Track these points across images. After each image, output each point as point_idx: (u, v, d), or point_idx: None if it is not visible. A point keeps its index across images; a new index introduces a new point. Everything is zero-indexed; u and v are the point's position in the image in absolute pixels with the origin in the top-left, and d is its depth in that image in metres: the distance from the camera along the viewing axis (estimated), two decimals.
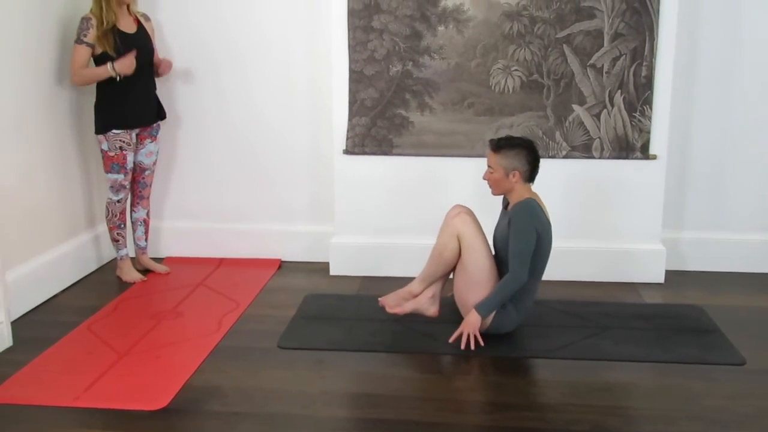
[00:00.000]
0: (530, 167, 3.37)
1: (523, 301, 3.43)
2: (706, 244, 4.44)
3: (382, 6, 4.12)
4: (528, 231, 3.30)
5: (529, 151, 3.38)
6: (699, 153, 4.37)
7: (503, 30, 4.11)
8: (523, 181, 3.38)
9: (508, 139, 3.45)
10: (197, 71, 4.50)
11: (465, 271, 3.41)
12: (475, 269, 3.38)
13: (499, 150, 3.37)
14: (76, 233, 4.34)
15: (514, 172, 3.35)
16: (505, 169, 3.36)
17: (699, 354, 3.34)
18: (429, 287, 3.54)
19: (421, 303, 3.54)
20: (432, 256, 3.51)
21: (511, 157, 3.35)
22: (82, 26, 3.93)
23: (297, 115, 4.49)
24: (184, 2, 4.41)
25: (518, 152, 3.36)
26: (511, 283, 3.32)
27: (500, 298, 3.34)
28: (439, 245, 3.46)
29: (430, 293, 3.54)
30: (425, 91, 4.20)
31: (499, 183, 3.41)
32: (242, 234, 4.64)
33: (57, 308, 3.91)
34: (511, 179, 3.37)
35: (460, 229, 3.39)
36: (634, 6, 4.03)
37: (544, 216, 3.39)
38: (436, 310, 3.55)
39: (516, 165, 3.35)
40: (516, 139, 3.44)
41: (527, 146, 3.39)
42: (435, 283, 3.53)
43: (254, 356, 3.34)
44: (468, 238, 3.38)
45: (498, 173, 3.38)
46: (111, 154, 4.08)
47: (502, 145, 3.38)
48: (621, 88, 4.12)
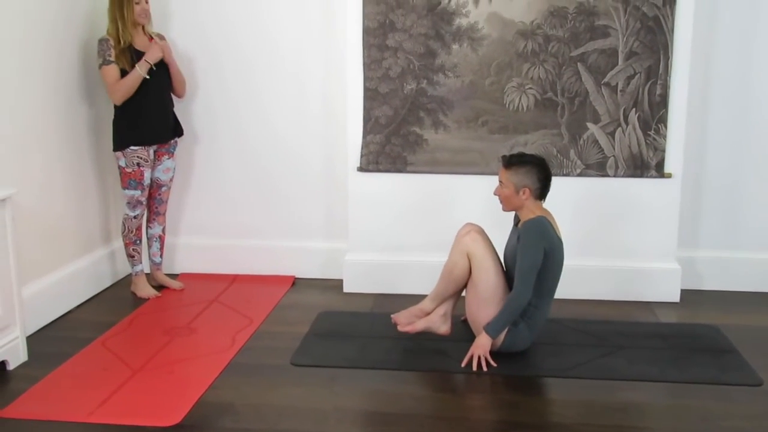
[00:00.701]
0: (541, 185, 3.37)
1: (536, 320, 3.42)
2: (722, 263, 4.41)
3: (397, 25, 4.15)
4: (535, 248, 3.29)
5: (540, 168, 3.38)
6: (714, 171, 4.35)
7: (517, 48, 4.12)
8: (534, 198, 3.38)
9: (520, 156, 3.45)
10: (212, 89, 4.54)
11: (476, 289, 3.40)
12: (485, 287, 3.37)
13: (511, 166, 3.38)
14: (92, 249, 4.38)
15: (524, 189, 3.35)
16: (516, 186, 3.36)
17: (715, 374, 3.31)
18: (440, 305, 3.53)
19: (432, 321, 3.53)
20: (443, 274, 3.50)
21: (522, 174, 3.35)
22: (102, 47, 3.99)
23: (311, 132, 4.52)
24: (198, 22, 4.46)
25: (529, 169, 3.36)
26: (514, 300, 3.31)
27: (507, 317, 3.32)
28: (449, 263, 3.46)
29: (441, 311, 3.53)
30: (439, 108, 4.22)
31: (509, 199, 3.41)
32: (256, 250, 4.66)
33: (72, 324, 3.93)
34: (521, 196, 3.37)
35: (470, 247, 3.39)
36: (649, 25, 4.03)
37: (555, 234, 3.38)
38: (447, 329, 3.54)
39: (526, 182, 3.35)
40: (528, 157, 3.45)
41: (539, 164, 3.39)
42: (446, 301, 3.53)
43: (267, 373, 3.34)
44: (478, 256, 3.38)
45: (508, 189, 3.38)
46: (128, 170, 4.11)
47: (513, 162, 3.39)
48: (636, 106, 4.12)
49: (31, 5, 3.76)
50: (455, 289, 3.49)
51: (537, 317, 3.42)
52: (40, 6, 3.83)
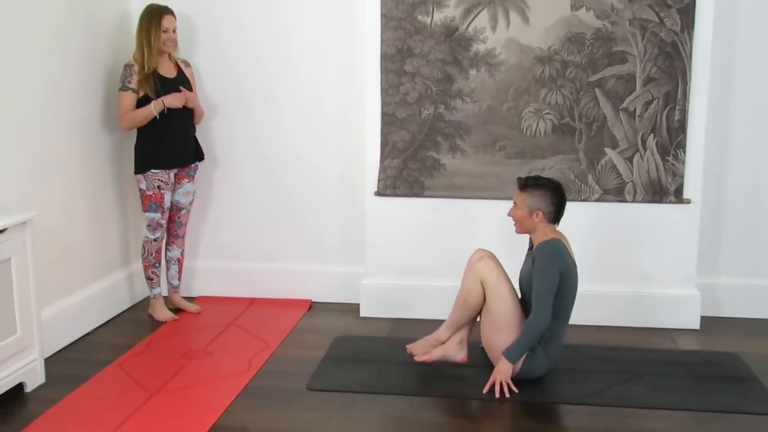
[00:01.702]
0: (555, 209, 3.37)
1: (552, 345, 3.39)
2: (743, 289, 4.36)
3: (414, 50, 4.17)
4: (551, 271, 3.28)
5: (555, 193, 3.38)
6: (734, 197, 4.31)
7: (535, 74, 4.13)
8: (547, 221, 3.38)
9: (536, 178, 3.46)
10: (233, 113, 4.58)
11: (491, 315, 3.39)
12: (500, 313, 3.36)
13: (526, 188, 3.38)
14: (111, 271, 4.40)
15: (538, 212, 3.35)
16: (530, 208, 3.36)
17: (736, 402, 3.26)
18: (456, 333, 3.51)
19: (448, 349, 3.51)
20: (457, 302, 3.49)
21: (536, 197, 3.35)
22: (125, 73, 4.05)
23: (329, 156, 4.54)
24: (221, 48, 4.51)
25: (544, 193, 3.36)
26: (534, 324, 3.29)
27: (527, 342, 3.30)
28: (463, 291, 3.45)
29: (457, 339, 3.51)
30: (457, 133, 4.23)
31: (522, 221, 3.41)
32: (273, 274, 4.67)
33: (90, 346, 3.95)
34: (534, 219, 3.36)
35: (483, 274, 3.38)
36: (666, 50, 4.03)
37: (569, 257, 3.36)
38: (464, 356, 3.52)
39: (540, 205, 3.35)
40: (544, 180, 3.45)
41: (555, 188, 3.39)
42: (462, 328, 3.51)
43: (283, 397, 3.33)
44: (492, 282, 3.36)
45: (522, 211, 3.38)
46: (149, 193, 4.15)
47: (529, 184, 3.39)
48: (654, 131, 4.11)
49: (58, 31, 3.82)
50: (470, 316, 3.48)
51: (554, 342, 3.39)
52: (67, 31, 3.89)
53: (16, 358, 3.28)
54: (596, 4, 4.04)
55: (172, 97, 4.06)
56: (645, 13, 4.02)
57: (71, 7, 3.93)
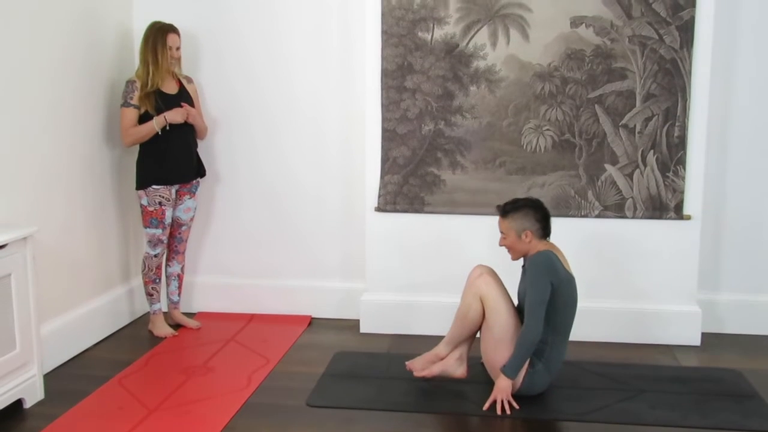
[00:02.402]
0: (540, 225, 3.39)
1: (552, 360, 3.38)
2: (744, 306, 4.35)
3: (415, 67, 4.19)
4: (541, 282, 3.28)
5: (535, 209, 3.40)
6: (734, 213, 4.32)
7: (535, 90, 4.15)
8: (537, 239, 3.39)
9: (513, 202, 3.48)
10: (234, 130, 4.59)
11: (490, 332, 3.38)
12: (500, 330, 3.35)
13: (507, 214, 3.42)
14: (111, 287, 4.40)
15: (526, 233, 3.37)
16: (516, 232, 3.38)
17: (738, 420, 3.25)
18: (456, 349, 3.51)
19: (448, 365, 3.50)
20: (456, 318, 3.49)
21: (519, 219, 3.38)
22: (127, 89, 4.07)
23: (330, 172, 4.55)
24: (222, 65, 4.53)
25: (525, 212, 3.39)
26: (525, 335, 3.28)
27: (522, 355, 3.29)
28: (463, 307, 3.45)
29: (456, 354, 3.50)
30: (457, 149, 4.24)
31: (514, 246, 3.43)
32: (273, 290, 4.66)
33: (89, 362, 3.93)
34: (525, 240, 3.38)
35: (483, 290, 3.38)
36: (666, 67, 4.05)
37: (563, 269, 3.36)
38: (464, 371, 3.51)
39: (526, 225, 3.37)
40: (521, 201, 3.47)
41: (533, 205, 3.42)
42: (461, 344, 3.50)
43: (283, 414, 3.32)
44: (491, 299, 3.36)
45: (510, 237, 3.41)
46: (150, 209, 4.15)
47: (508, 210, 3.42)
48: (654, 148, 4.12)
49: (60, 47, 3.84)
50: (470, 332, 3.47)
51: (553, 357, 3.38)
52: (69, 48, 3.91)
53: (16, 373, 3.27)
54: (596, 21, 4.06)
55: (173, 112, 4.07)
56: (644, 30, 4.04)
57: (73, 24, 3.95)
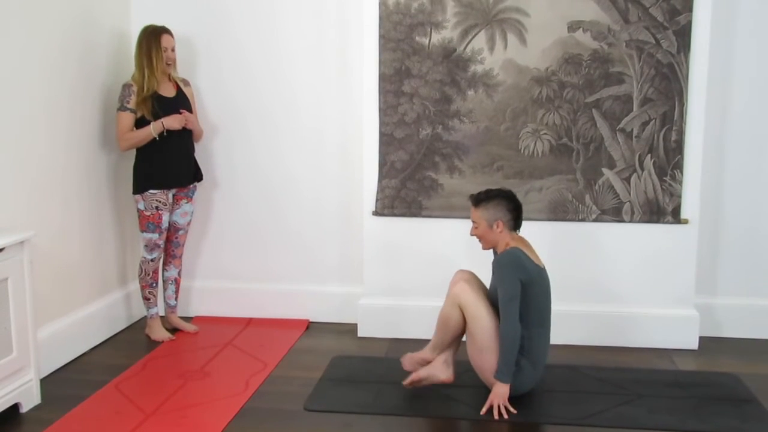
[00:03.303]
0: (512, 215, 3.41)
1: (535, 353, 3.38)
2: (741, 310, 4.35)
3: (412, 71, 4.20)
4: (509, 281, 3.29)
5: (508, 200, 3.42)
6: (732, 217, 4.32)
7: (532, 94, 4.15)
8: (509, 230, 3.41)
9: (486, 192, 3.48)
10: (231, 134, 4.59)
11: (473, 339, 3.38)
12: (482, 336, 3.35)
13: (479, 203, 3.42)
14: (108, 291, 4.39)
15: (497, 222, 3.38)
16: (488, 222, 3.39)
17: (736, 424, 3.24)
18: (441, 353, 3.50)
19: (434, 367, 3.49)
20: (438, 325, 3.49)
21: (491, 209, 3.39)
22: (123, 93, 4.06)
23: (327, 176, 4.55)
24: (220, 69, 4.53)
25: (498, 203, 3.40)
26: (504, 336, 3.28)
27: (507, 355, 3.28)
28: (443, 315, 3.46)
29: (443, 358, 3.49)
30: (455, 154, 4.24)
31: (484, 236, 3.43)
32: (271, 294, 4.66)
33: (86, 366, 3.92)
34: (496, 230, 3.40)
35: (460, 298, 3.38)
36: (663, 72, 4.06)
37: (531, 263, 3.36)
38: (449, 375, 3.49)
39: (498, 215, 3.39)
40: (494, 191, 3.48)
41: (506, 196, 3.44)
42: (446, 349, 3.50)
43: (281, 418, 3.31)
44: (469, 306, 3.36)
45: (482, 227, 3.42)
46: (147, 213, 4.15)
47: (481, 198, 3.43)
48: (651, 152, 4.12)
49: (56, 52, 3.84)
50: (452, 338, 3.47)
51: (535, 350, 3.38)
52: (65, 52, 3.90)
53: (12, 378, 3.26)
54: (593, 26, 4.07)
55: (171, 118, 4.06)
56: (641, 34, 4.05)
57: (69, 28, 3.95)
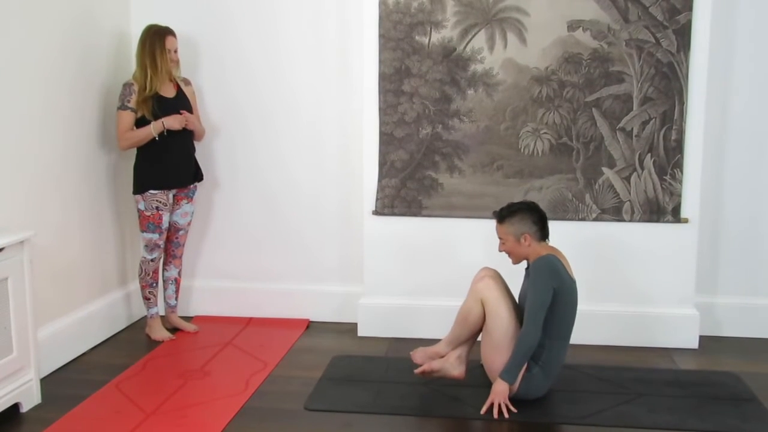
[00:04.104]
0: (538, 227, 3.40)
1: (550, 365, 3.38)
2: (742, 309, 4.35)
3: (412, 70, 4.20)
4: (543, 286, 3.29)
5: (531, 212, 3.42)
6: (732, 216, 4.32)
7: (532, 94, 4.15)
8: (537, 241, 3.40)
9: (509, 206, 3.48)
10: (232, 134, 4.59)
11: (490, 336, 3.38)
12: (499, 334, 3.35)
13: (503, 220, 3.42)
14: (108, 291, 4.39)
15: (525, 236, 3.38)
16: (515, 236, 3.39)
17: (737, 424, 3.24)
18: (456, 349, 3.50)
19: (448, 363, 3.49)
20: (457, 319, 3.49)
21: (516, 223, 3.39)
22: (124, 92, 4.05)
23: (327, 176, 4.55)
24: (221, 69, 4.53)
25: (522, 216, 3.40)
26: (523, 339, 3.28)
27: (519, 359, 3.29)
28: (464, 309, 3.45)
29: (456, 354, 3.50)
30: (455, 153, 4.24)
31: (514, 251, 3.43)
32: (271, 293, 4.66)
33: (86, 366, 3.92)
34: (524, 243, 3.39)
35: (484, 294, 3.38)
36: (663, 71, 4.06)
37: (566, 274, 3.36)
38: (462, 372, 3.50)
39: (524, 229, 3.38)
40: (516, 205, 3.48)
41: (529, 208, 3.43)
42: (462, 345, 3.50)
43: (281, 418, 3.31)
44: (492, 303, 3.36)
45: (509, 242, 3.42)
46: (147, 213, 4.14)
47: (504, 215, 3.43)
48: (651, 151, 4.12)
49: (56, 51, 3.84)
50: (470, 334, 3.47)
51: (552, 362, 3.38)
52: (65, 51, 3.90)
53: (12, 378, 3.26)
54: (593, 25, 4.07)
55: (172, 119, 4.06)
56: (641, 33, 4.05)
57: (69, 29, 3.95)
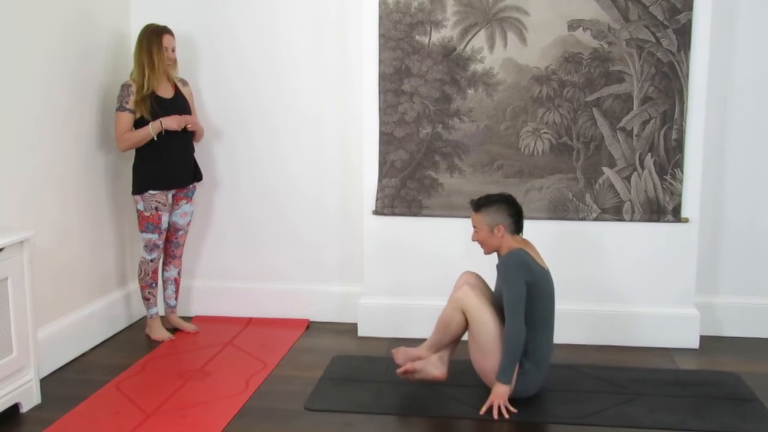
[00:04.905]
0: (513, 220, 3.41)
1: (539, 355, 3.37)
2: (742, 309, 4.35)
3: (412, 70, 4.19)
4: (515, 282, 3.28)
5: (508, 204, 3.42)
6: (732, 215, 4.32)
7: (532, 93, 4.15)
8: (510, 234, 3.40)
9: (487, 197, 3.49)
10: (232, 134, 4.59)
11: (476, 342, 3.38)
12: (485, 340, 3.34)
13: (480, 209, 3.43)
14: (108, 291, 4.39)
15: (498, 227, 3.38)
16: (489, 226, 3.39)
17: (737, 424, 3.24)
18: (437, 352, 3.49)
19: (429, 363, 3.47)
20: (438, 327, 3.48)
21: (492, 213, 3.40)
22: (122, 93, 4.05)
23: (328, 176, 4.54)
24: (221, 69, 4.53)
25: (498, 207, 3.40)
26: (508, 337, 3.27)
27: (510, 358, 3.28)
28: (444, 318, 3.45)
29: (437, 355, 3.49)
30: (455, 153, 4.23)
31: (486, 241, 3.43)
32: (271, 293, 4.65)
33: (86, 366, 3.92)
34: (497, 234, 3.39)
35: (464, 302, 3.38)
36: (663, 70, 4.05)
37: (536, 265, 3.36)
38: (443, 372, 3.48)
39: (499, 219, 3.38)
40: (494, 196, 3.49)
41: (506, 200, 3.44)
42: (443, 349, 3.49)
43: (281, 418, 3.31)
44: (473, 310, 3.35)
45: (483, 231, 3.42)
46: (146, 214, 4.14)
47: (481, 204, 3.43)
48: (651, 150, 4.12)
49: (55, 51, 3.83)
50: (451, 340, 3.47)
51: (540, 353, 3.38)
52: (64, 51, 3.90)
53: (12, 378, 3.26)
54: (593, 25, 4.06)
55: (170, 119, 4.05)
56: (641, 33, 4.04)
57: (68, 28, 3.94)
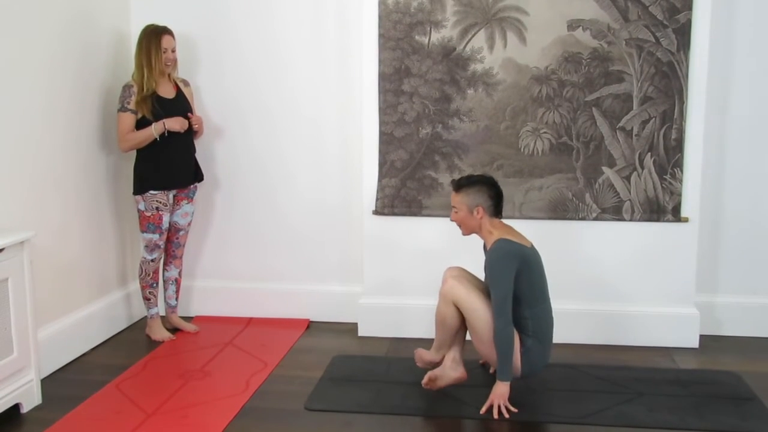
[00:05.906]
0: (493, 202, 3.40)
1: (541, 330, 3.37)
2: (742, 308, 4.35)
3: (412, 70, 4.19)
4: (501, 279, 3.27)
5: (489, 186, 3.42)
6: (732, 215, 4.32)
7: (532, 93, 4.15)
8: (489, 216, 3.40)
9: (468, 177, 3.49)
10: (232, 134, 4.59)
11: (476, 332, 3.38)
12: (481, 327, 3.34)
13: (460, 189, 3.42)
14: (108, 292, 4.39)
15: (478, 208, 3.38)
16: (468, 207, 3.39)
17: (737, 423, 3.24)
18: (448, 352, 3.50)
19: (446, 367, 3.48)
20: (436, 325, 3.49)
21: (472, 194, 3.39)
22: (124, 94, 4.05)
23: (328, 176, 4.55)
24: (221, 69, 4.53)
25: (479, 188, 3.40)
26: (498, 335, 3.26)
27: (505, 354, 3.27)
28: (439, 315, 3.46)
29: (451, 357, 3.49)
30: (455, 152, 4.24)
31: (465, 222, 3.43)
32: (271, 293, 4.66)
33: (86, 366, 3.92)
34: (476, 216, 3.39)
35: (453, 295, 3.38)
36: (663, 70, 4.06)
37: (522, 247, 3.33)
38: (462, 372, 3.48)
39: (479, 201, 3.38)
40: (476, 177, 3.49)
41: (487, 182, 3.44)
42: (452, 347, 3.49)
43: (281, 418, 3.31)
44: (463, 301, 3.36)
45: (462, 212, 3.41)
46: (147, 214, 4.14)
47: (462, 184, 3.43)
48: (651, 150, 4.12)
49: (55, 52, 3.84)
50: (453, 335, 3.47)
51: (541, 327, 3.38)
52: (64, 52, 3.90)
53: (13, 378, 3.26)
54: (593, 24, 4.06)
55: (173, 120, 4.06)
56: (641, 33, 4.04)
57: (68, 28, 3.95)
